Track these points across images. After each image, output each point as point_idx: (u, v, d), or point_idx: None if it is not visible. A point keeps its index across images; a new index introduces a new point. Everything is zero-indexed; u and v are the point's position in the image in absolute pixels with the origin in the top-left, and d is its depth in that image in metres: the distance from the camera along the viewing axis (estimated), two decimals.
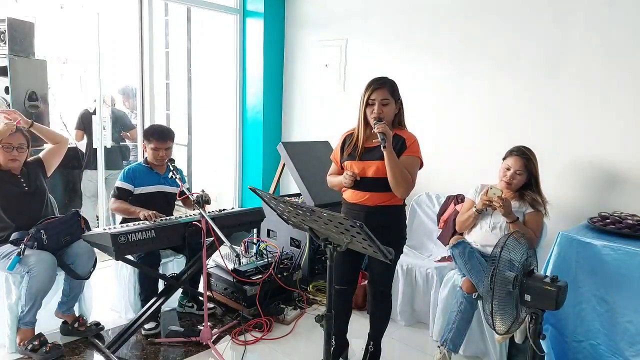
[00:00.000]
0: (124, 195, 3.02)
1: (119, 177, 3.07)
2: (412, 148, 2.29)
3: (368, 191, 2.30)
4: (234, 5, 4.71)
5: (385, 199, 2.29)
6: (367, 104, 2.28)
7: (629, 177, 2.84)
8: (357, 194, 2.33)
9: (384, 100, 2.25)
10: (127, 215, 2.95)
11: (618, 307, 2.23)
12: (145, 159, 3.15)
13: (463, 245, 2.72)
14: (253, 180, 4.84)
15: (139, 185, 3.05)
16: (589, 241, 2.29)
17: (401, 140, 2.29)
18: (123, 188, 3.02)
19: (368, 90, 2.28)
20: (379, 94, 2.25)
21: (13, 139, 2.66)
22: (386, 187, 2.24)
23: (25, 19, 3.67)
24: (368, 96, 2.27)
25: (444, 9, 3.57)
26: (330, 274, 1.95)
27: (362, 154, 2.32)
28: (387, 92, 2.27)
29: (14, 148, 2.67)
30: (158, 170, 3.13)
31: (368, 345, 2.57)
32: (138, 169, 3.10)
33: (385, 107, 2.26)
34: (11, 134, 2.65)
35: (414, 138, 2.33)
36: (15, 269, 2.48)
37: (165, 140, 3.07)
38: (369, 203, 2.30)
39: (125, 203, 2.99)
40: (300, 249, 3.64)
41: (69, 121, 4.88)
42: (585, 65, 2.95)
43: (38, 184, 2.80)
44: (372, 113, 2.25)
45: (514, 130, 3.25)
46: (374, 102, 2.25)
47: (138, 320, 2.74)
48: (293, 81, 4.72)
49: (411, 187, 2.26)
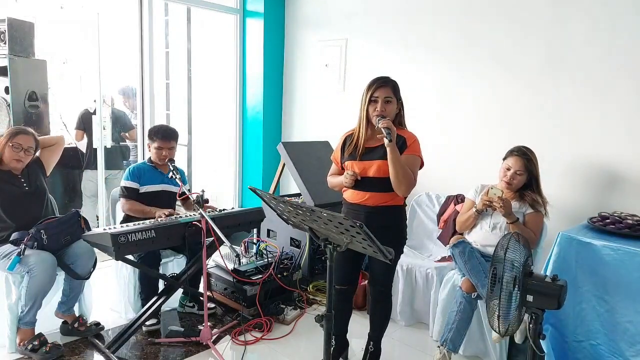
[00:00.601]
0: (132, 195, 3.01)
1: (124, 176, 3.06)
2: (412, 147, 2.29)
3: (369, 191, 2.30)
4: (234, 5, 4.71)
5: (386, 199, 2.29)
6: (369, 101, 2.28)
7: (629, 177, 2.84)
8: (358, 194, 2.33)
9: (387, 97, 2.26)
10: (141, 216, 2.90)
11: (618, 307, 2.23)
12: (149, 158, 3.15)
13: (463, 245, 2.72)
14: (253, 180, 4.84)
15: (144, 184, 3.05)
16: (589, 241, 2.29)
17: (402, 140, 2.29)
18: (130, 187, 3.02)
19: (371, 88, 2.28)
20: (383, 92, 2.26)
21: (24, 140, 2.68)
22: (387, 187, 2.24)
23: (25, 19, 3.67)
24: (371, 94, 2.27)
25: (444, 9, 3.57)
26: (330, 274, 1.95)
27: (362, 154, 2.32)
28: (390, 91, 2.27)
29: (23, 150, 2.68)
30: (162, 169, 3.13)
31: (368, 345, 2.57)
32: (143, 168, 3.10)
33: (388, 105, 2.26)
34: (24, 135, 2.69)
35: (414, 137, 2.33)
36: (15, 269, 2.48)
37: (169, 140, 3.07)
38: (369, 203, 2.30)
39: (138, 203, 2.99)
40: (300, 249, 3.64)
41: (69, 121, 4.88)
42: (586, 65, 2.95)
43: (38, 184, 2.80)
44: (375, 110, 2.25)
45: (514, 130, 3.25)
46: (377, 100, 2.25)
47: (138, 320, 2.74)
48: (293, 81, 4.72)
49: (412, 186, 2.25)
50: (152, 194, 3.07)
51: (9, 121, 3.60)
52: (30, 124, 3.68)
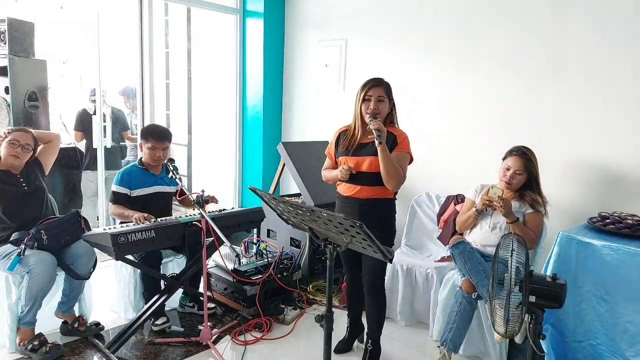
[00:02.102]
0: (121, 199, 2.99)
1: (115, 180, 3.04)
2: (402, 144, 2.42)
3: (361, 185, 2.41)
4: (234, 5, 4.71)
5: (377, 192, 2.41)
6: (363, 99, 2.41)
7: (629, 177, 2.84)
8: (350, 187, 2.44)
9: (380, 97, 2.39)
10: (122, 219, 2.90)
11: (618, 307, 2.23)
12: (140, 160, 3.12)
13: (463, 245, 2.72)
14: (253, 180, 4.84)
15: (135, 188, 3.02)
16: (589, 241, 2.29)
17: (393, 137, 2.41)
18: (119, 192, 2.99)
19: (365, 87, 2.42)
20: (376, 91, 2.39)
21: (21, 137, 2.68)
22: (378, 181, 2.37)
23: (25, 19, 3.67)
24: (365, 92, 2.40)
25: (444, 9, 3.57)
26: (330, 274, 1.95)
27: (356, 150, 2.44)
28: (383, 90, 2.41)
29: (20, 146, 2.67)
30: (153, 171, 3.10)
31: (367, 344, 2.59)
32: (133, 172, 3.06)
33: (380, 104, 2.39)
34: (21, 132, 2.70)
35: (404, 135, 2.45)
36: (15, 269, 2.48)
37: (163, 141, 3.04)
38: (361, 196, 2.42)
39: (121, 207, 2.96)
40: (300, 249, 3.64)
41: (69, 121, 4.87)
42: (586, 64, 2.95)
43: (37, 184, 2.80)
44: (368, 109, 2.37)
45: (514, 130, 3.24)
46: (370, 98, 2.38)
47: (138, 320, 2.73)
48: (293, 81, 4.72)
49: (402, 181, 2.39)
50: (144, 197, 3.04)
51: (9, 121, 3.60)
52: (30, 124, 3.68)
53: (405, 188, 3.83)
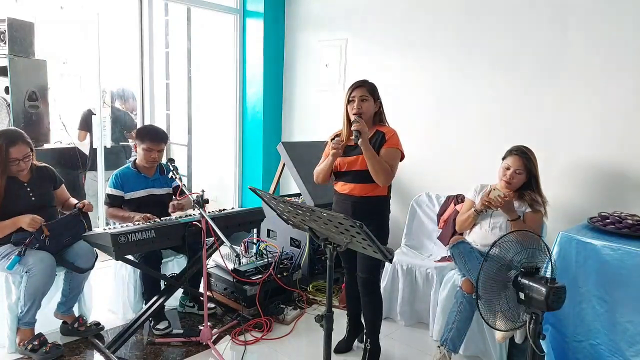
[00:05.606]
0: (116, 202, 2.99)
1: (109, 183, 3.04)
2: (391, 141, 2.46)
3: (354, 183, 2.48)
4: (234, 5, 4.71)
5: (369, 189, 2.46)
6: (348, 101, 2.49)
7: (629, 177, 2.84)
8: (345, 185, 2.52)
9: (363, 96, 2.46)
10: (122, 222, 2.88)
11: (618, 307, 2.22)
12: (134, 162, 3.11)
13: (463, 245, 2.72)
14: (253, 180, 4.84)
15: (128, 191, 3.01)
16: (589, 241, 2.29)
17: (381, 135, 2.47)
18: (113, 195, 3.00)
19: (349, 90, 2.51)
20: (358, 92, 2.47)
21: (17, 152, 2.57)
22: (370, 178, 2.41)
23: (25, 19, 3.67)
24: (349, 94, 2.49)
25: (444, 9, 3.57)
26: (330, 274, 1.95)
27: (347, 151, 2.49)
28: (366, 90, 2.48)
29: (19, 161, 2.60)
30: (146, 173, 3.09)
31: (365, 343, 2.59)
32: (126, 174, 3.05)
33: (364, 103, 2.45)
34: (15, 147, 2.57)
35: (393, 132, 2.50)
36: (14, 269, 2.48)
37: (159, 142, 3.04)
38: (355, 193, 2.48)
39: (118, 210, 2.97)
40: (300, 249, 3.64)
41: (69, 121, 4.87)
42: (585, 64, 2.95)
43: (45, 196, 2.75)
44: (353, 109, 2.45)
45: (513, 129, 3.25)
46: (354, 99, 2.46)
47: (138, 320, 2.73)
48: (293, 81, 4.72)
49: (391, 176, 2.43)
50: (138, 200, 3.03)
51: (9, 121, 3.60)
52: (30, 124, 3.68)
53: (405, 188, 3.85)
